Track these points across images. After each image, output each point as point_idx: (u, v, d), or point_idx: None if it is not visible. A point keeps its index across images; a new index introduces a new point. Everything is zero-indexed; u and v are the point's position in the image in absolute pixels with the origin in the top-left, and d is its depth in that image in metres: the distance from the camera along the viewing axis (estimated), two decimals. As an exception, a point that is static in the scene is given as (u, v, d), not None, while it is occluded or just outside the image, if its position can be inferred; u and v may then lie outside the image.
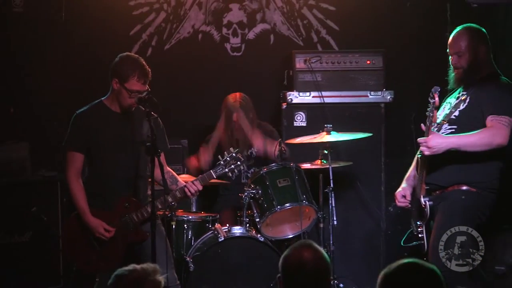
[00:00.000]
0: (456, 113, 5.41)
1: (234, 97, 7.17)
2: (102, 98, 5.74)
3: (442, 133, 5.38)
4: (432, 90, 5.34)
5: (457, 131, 5.35)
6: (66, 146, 5.72)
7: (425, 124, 5.34)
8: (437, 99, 5.29)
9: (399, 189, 5.80)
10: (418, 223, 5.47)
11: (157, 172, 5.26)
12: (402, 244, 5.60)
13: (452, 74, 5.62)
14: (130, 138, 5.64)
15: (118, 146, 5.65)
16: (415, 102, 7.42)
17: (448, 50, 5.64)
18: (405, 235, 5.65)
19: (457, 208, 5.32)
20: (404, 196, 5.72)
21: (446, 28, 7.89)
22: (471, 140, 5.24)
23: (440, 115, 5.52)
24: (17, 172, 7.30)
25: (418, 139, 5.36)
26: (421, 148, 5.33)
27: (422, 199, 5.39)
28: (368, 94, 7.37)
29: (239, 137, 7.10)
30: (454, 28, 7.84)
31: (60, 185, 7.08)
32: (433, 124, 5.34)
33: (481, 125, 5.29)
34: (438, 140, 5.27)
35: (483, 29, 5.63)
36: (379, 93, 7.35)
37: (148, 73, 5.59)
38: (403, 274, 3.01)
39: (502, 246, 6.15)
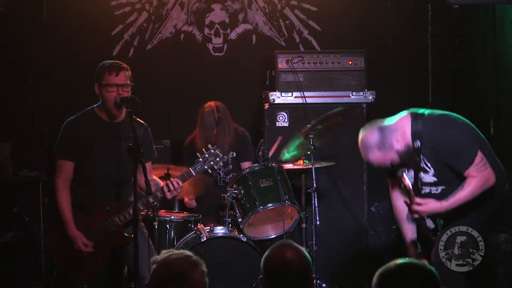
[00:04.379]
0: (432, 178, 5.25)
1: (212, 111, 7.08)
2: (94, 106, 5.76)
3: (435, 191, 5.29)
4: (398, 174, 5.27)
5: (448, 187, 5.23)
6: (56, 153, 5.76)
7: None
8: (407, 182, 5.16)
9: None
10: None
11: (141, 176, 5.27)
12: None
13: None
14: (117, 146, 5.64)
15: (105, 154, 5.66)
16: (397, 102, 7.45)
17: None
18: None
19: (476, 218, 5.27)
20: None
21: (428, 29, 7.97)
22: (463, 199, 5.10)
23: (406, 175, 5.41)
24: (-2, 173, 7.28)
25: (420, 209, 5.16)
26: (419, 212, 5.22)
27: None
28: (350, 95, 7.39)
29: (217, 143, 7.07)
30: (436, 29, 7.93)
31: (41, 185, 7.04)
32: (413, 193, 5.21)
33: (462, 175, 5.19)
34: (436, 207, 5.16)
35: (373, 127, 5.26)
36: (361, 93, 7.37)
37: (118, 65, 5.66)
38: (400, 274, 3.01)
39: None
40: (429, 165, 5.23)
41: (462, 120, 5.29)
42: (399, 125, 5.24)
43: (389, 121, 5.28)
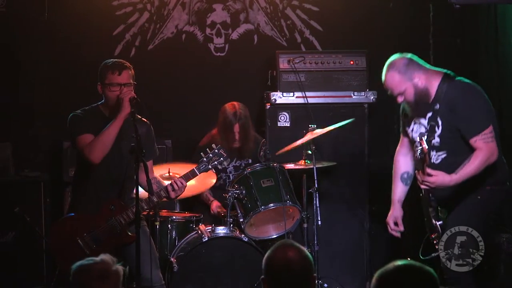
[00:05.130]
0: (436, 139, 5.31)
1: (233, 107, 7.04)
2: (99, 103, 5.73)
3: (435, 160, 5.34)
4: (418, 137, 5.32)
5: (448, 156, 5.30)
6: (75, 134, 5.61)
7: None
8: (425, 145, 5.19)
9: (390, 214, 5.71)
10: (433, 236, 5.40)
11: (142, 174, 5.26)
12: (421, 257, 5.38)
13: (407, 108, 5.51)
14: (119, 145, 5.62)
15: (107, 152, 5.61)
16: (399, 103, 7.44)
17: (388, 92, 5.50)
18: (421, 247, 5.55)
19: (471, 213, 5.30)
20: (396, 224, 5.64)
21: (429, 29, 7.95)
22: (472, 172, 5.15)
23: (416, 132, 5.46)
24: (0, 173, 7.27)
25: (430, 180, 5.20)
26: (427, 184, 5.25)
27: (433, 221, 5.34)
28: (352, 95, 7.38)
29: (238, 146, 7.04)
30: (437, 29, 7.92)
31: (43, 185, 7.06)
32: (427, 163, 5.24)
33: (467, 142, 5.24)
34: (446, 180, 5.20)
35: (406, 56, 5.43)
36: (363, 93, 7.37)
37: (121, 64, 5.63)
38: (400, 275, 3.00)
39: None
40: (440, 123, 5.29)
41: (486, 96, 5.37)
42: (430, 72, 5.40)
43: (424, 63, 5.43)
